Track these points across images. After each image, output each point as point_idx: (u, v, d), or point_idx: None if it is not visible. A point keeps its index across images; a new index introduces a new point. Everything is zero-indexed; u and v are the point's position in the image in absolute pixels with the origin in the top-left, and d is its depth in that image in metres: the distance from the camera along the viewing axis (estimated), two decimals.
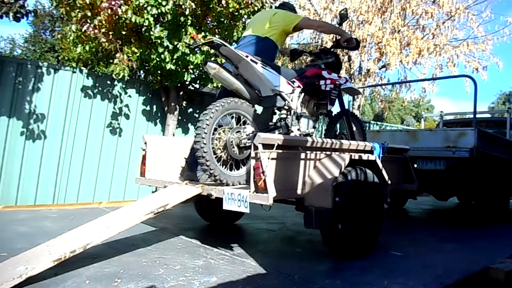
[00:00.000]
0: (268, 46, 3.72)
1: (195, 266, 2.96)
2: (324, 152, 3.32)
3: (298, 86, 3.68)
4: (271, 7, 5.53)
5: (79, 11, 5.05)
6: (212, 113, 3.11)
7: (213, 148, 3.16)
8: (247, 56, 3.28)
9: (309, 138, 3.26)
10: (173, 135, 6.19)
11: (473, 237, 4.82)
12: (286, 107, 3.61)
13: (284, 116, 3.65)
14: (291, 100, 3.62)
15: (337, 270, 3.08)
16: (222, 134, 3.26)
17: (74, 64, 10.42)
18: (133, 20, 4.93)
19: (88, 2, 4.82)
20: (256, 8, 5.42)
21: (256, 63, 3.33)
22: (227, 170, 3.28)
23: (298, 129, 3.65)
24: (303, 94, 3.75)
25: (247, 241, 4.10)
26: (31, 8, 4.74)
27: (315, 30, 5.18)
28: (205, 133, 3.06)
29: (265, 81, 3.44)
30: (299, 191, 3.12)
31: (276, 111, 3.82)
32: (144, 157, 3.89)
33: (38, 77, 5.40)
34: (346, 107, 4.46)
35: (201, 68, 5.68)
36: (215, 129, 3.21)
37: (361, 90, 9.36)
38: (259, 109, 3.76)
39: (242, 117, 3.40)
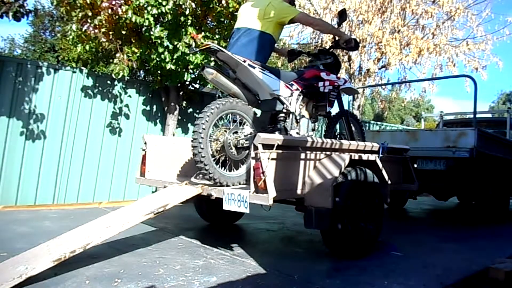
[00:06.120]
0: (266, 42, 3.55)
1: (195, 266, 2.96)
2: (324, 152, 3.32)
3: (297, 89, 3.67)
4: None
5: (80, 11, 5.06)
6: (208, 116, 3.10)
7: (211, 151, 3.15)
8: (244, 61, 3.26)
9: (309, 138, 3.26)
10: (173, 135, 6.19)
11: (473, 237, 4.82)
12: (284, 110, 3.60)
13: (282, 119, 3.64)
14: (290, 104, 3.61)
15: (337, 270, 3.08)
16: (219, 136, 3.25)
17: (74, 64, 10.43)
18: (133, 20, 4.93)
19: (88, 2, 4.82)
20: None
21: (254, 67, 3.31)
22: (226, 171, 3.28)
23: (297, 132, 3.64)
24: (301, 96, 3.74)
25: (247, 241, 4.10)
26: (31, 8, 4.74)
27: (312, 27, 5.08)
28: (202, 137, 3.05)
29: (263, 86, 3.43)
30: (299, 191, 3.12)
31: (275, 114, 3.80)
32: (144, 157, 3.89)
33: (38, 77, 5.40)
34: (346, 107, 4.46)
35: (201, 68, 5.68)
36: (212, 131, 3.20)
37: (361, 90, 9.35)
38: (258, 111, 3.75)
39: (239, 117, 3.39)
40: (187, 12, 5.04)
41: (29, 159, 5.31)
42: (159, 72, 5.74)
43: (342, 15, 3.99)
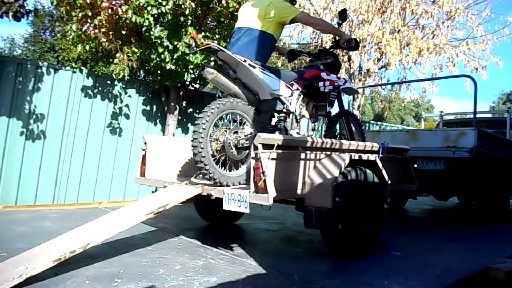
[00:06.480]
0: (266, 41, 3.54)
1: (195, 266, 2.96)
2: (324, 152, 3.32)
3: (297, 89, 3.66)
4: None
5: (80, 11, 5.06)
6: (208, 116, 3.10)
7: (211, 150, 3.15)
8: (245, 61, 3.26)
9: (309, 138, 3.26)
10: (173, 135, 6.19)
11: (473, 237, 4.82)
12: (285, 110, 3.60)
13: (283, 118, 3.64)
14: (290, 103, 3.60)
15: (337, 270, 3.09)
16: (219, 136, 3.25)
17: (74, 64, 10.43)
18: (133, 20, 4.93)
19: (88, 2, 4.82)
20: None
21: (254, 67, 3.31)
22: (226, 171, 3.28)
23: (297, 132, 3.64)
24: (302, 96, 3.74)
25: (247, 241, 4.10)
26: (31, 8, 4.74)
27: (312, 27, 5.08)
28: (202, 137, 3.05)
29: (263, 85, 3.43)
30: (299, 191, 3.12)
31: (275, 114, 3.80)
32: (144, 157, 3.89)
33: (38, 77, 5.39)
34: (346, 107, 4.46)
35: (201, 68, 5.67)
36: (212, 131, 3.20)
37: (361, 90, 9.35)
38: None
39: (239, 117, 3.39)
40: (187, 12, 5.04)
41: (29, 159, 5.31)
42: (159, 72, 5.74)
43: (342, 15, 3.99)
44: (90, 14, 4.95)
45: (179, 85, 6.06)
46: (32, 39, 16.99)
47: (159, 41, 5.22)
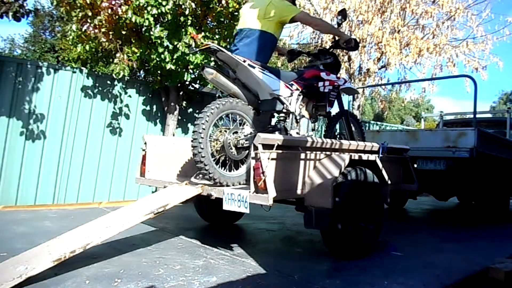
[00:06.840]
0: (267, 41, 3.56)
1: (195, 266, 2.96)
2: (324, 152, 3.32)
3: (297, 89, 3.66)
4: None
5: (80, 11, 5.06)
6: (208, 116, 3.10)
7: (211, 151, 3.15)
8: (244, 61, 3.26)
9: (309, 138, 3.26)
10: (173, 135, 6.19)
11: (473, 237, 4.82)
12: (284, 110, 3.60)
13: (282, 119, 3.64)
14: (290, 104, 3.60)
15: (337, 270, 3.08)
16: (219, 136, 3.25)
17: (74, 64, 10.43)
18: (133, 20, 4.93)
19: (88, 2, 4.83)
20: None
21: (253, 67, 3.31)
22: (226, 171, 3.28)
23: (297, 132, 3.64)
24: (301, 96, 3.74)
25: (247, 241, 4.10)
26: (31, 8, 4.75)
27: (312, 27, 5.07)
28: (202, 137, 3.06)
29: (263, 86, 3.43)
30: (299, 191, 3.12)
31: (274, 114, 3.80)
32: (144, 157, 3.90)
33: (38, 77, 5.40)
34: (346, 107, 4.45)
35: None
36: (212, 131, 3.21)
37: (361, 90, 9.35)
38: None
39: (239, 117, 3.39)
40: (187, 12, 5.04)
41: (29, 159, 5.31)
42: (159, 72, 5.74)
43: (342, 15, 3.99)
44: (90, 14, 4.95)
45: (179, 85, 6.06)
46: (32, 39, 16.98)
47: (159, 41, 5.22)
